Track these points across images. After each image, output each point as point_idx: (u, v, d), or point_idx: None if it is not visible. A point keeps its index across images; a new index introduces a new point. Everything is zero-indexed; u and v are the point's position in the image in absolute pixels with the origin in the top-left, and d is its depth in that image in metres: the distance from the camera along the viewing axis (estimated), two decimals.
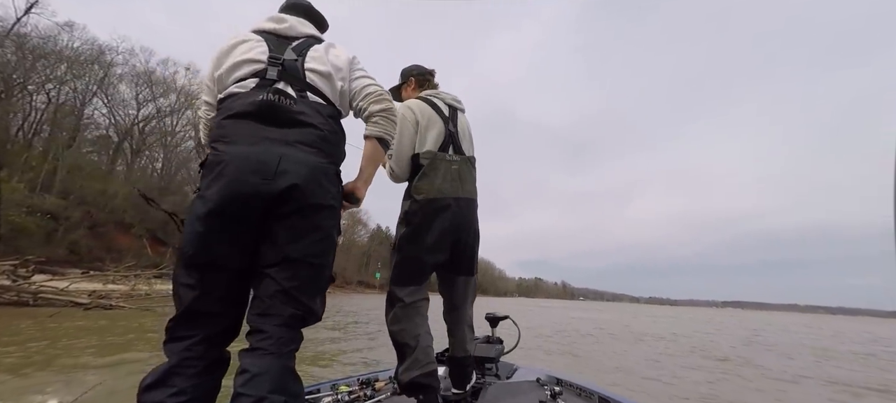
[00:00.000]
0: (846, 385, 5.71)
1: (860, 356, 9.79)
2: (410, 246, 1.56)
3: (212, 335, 0.98)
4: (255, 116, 1.03)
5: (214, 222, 0.95)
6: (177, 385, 0.89)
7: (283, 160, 0.97)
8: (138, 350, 5.52)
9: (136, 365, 4.54)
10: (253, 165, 0.96)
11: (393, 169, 1.63)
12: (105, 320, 8.13)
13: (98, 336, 6.35)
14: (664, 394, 4.67)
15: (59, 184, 20.72)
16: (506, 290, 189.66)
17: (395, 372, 1.56)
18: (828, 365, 7.79)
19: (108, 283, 14.74)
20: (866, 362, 8.69)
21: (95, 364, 4.50)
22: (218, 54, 1.15)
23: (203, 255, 0.96)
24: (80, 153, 24.35)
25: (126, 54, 28.27)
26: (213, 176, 0.97)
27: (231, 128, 1.03)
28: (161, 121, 31.90)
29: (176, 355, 0.93)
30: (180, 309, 0.97)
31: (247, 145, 0.99)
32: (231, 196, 0.94)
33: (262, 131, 1.01)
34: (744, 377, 5.98)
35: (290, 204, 0.98)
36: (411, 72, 1.86)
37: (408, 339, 1.51)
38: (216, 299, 0.98)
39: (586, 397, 1.63)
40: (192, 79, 33.54)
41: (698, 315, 39.55)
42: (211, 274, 0.97)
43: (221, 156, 0.98)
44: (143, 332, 7.02)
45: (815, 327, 24.53)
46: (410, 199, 1.58)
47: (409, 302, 1.54)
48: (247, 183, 0.95)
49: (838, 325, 30.47)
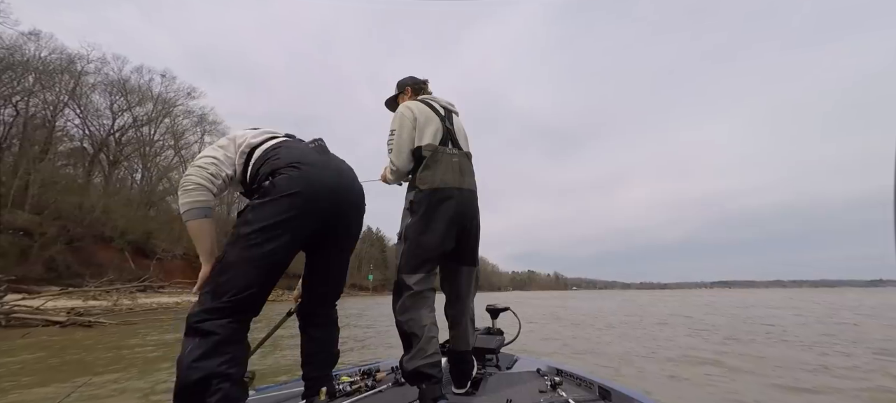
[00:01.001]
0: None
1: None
2: (418, 233, 1.59)
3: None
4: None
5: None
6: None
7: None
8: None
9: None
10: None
11: (393, 162, 1.68)
12: (87, 339, 7.74)
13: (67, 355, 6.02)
14: (668, 385, 4.60)
15: (32, 199, 19.88)
16: (500, 284, 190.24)
17: (399, 361, 1.58)
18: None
19: (89, 300, 14.19)
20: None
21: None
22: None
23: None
24: (54, 166, 23.40)
25: (98, 63, 27.31)
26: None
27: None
28: (138, 130, 30.91)
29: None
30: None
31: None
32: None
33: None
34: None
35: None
36: (406, 82, 1.98)
37: (415, 329, 1.53)
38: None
39: (586, 387, 1.63)
40: (169, 86, 32.65)
41: (694, 297, 40.16)
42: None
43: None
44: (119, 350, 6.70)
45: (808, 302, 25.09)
46: (415, 189, 1.64)
47: (417, 291, 1.56)
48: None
49: (827, 298, 31.17)
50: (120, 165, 30.18)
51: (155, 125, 32.12)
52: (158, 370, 5.03)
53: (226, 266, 1.18)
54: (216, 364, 1.06)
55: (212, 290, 1.16)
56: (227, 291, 1.14)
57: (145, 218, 27.57)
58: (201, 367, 1.05)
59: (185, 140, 34.97)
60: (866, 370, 4.95)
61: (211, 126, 35.91)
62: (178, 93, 33.25)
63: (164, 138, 33.37)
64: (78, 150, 26.97)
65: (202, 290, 1.20)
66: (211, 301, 1.14)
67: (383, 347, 6.84)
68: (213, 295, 1.15)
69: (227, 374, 1.07)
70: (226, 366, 1.08)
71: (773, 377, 4.68)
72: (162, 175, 32.79)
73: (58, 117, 24.96)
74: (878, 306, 18.08)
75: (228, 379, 1.07)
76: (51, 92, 23.95)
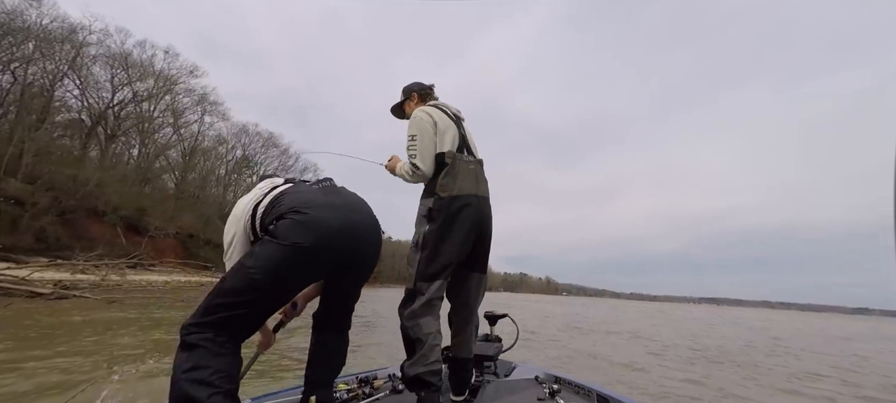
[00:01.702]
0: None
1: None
2: (438, 241, 1.60)
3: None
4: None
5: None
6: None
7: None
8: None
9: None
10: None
11: (418, 166, 1.66)
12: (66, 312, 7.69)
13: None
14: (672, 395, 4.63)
15: (25, 168, 19.67)
16: (491, 285, 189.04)
17: (400, 366, 1.59)
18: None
19: (77, 273, 14.09)
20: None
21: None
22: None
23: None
24: (50, 136, 23.15)
25: (100, 34, 26.91)
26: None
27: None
28: (138, 105, 30.60)
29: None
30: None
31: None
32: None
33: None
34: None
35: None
36: (413, 88, 1.98)
37: (420, 335, 1.54)
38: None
39: (585, 395, 1.63)
40: (172, 63, 32.33)
41: (686, 312, 40.33)
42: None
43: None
44: None
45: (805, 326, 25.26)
46: (434, 196, 1.64)
47: (429, 299, 1.57)
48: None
49: (822, 325, 31.41)
50: (117, 140, 29.87)
51: (155, 101, 31.79)
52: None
53: (223, 291, 1.19)
54: (207, 376, 1.07)
55: (205, 308, 1.18)
56: (218, 312, 1.16)
57: (140, 194, 27.36)
58: (191, 379, 1.06)
59: (185, 119, 34.74)
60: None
61: (212, 106, 35.65)
62: (181, 71, 32.91)
63: (163, 115, 33.05)
64: (75, 122, 26.67)
65: (197, 308, 1.22)
66: (201, 316, 1.16)
67: (377, 348, 6.81)
68: (205, 312, 1.17)
69: (219, 387, 1.07)
70: (217, 378, 1.08)
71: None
72: (159, 152, 32.52)
73: (57, 87, 24.67)
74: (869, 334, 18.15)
75: (220, 392, 1.06)
76: (51, 61, 23.62)
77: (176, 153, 34.70)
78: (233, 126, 38.28)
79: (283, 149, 41.58)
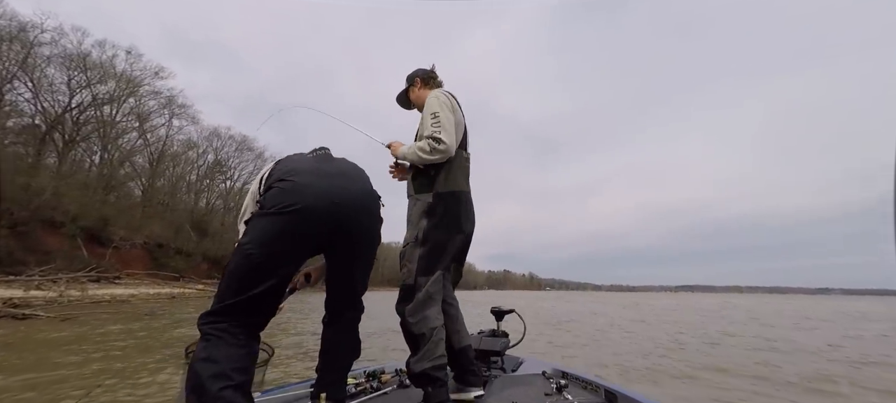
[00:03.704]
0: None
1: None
2: (439, 235, 1.62)
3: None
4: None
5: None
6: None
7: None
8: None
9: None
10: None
11: (442, 139, 1.60)
12: None
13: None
14: (673, 385, 4.57)
15: None
16: (476, 283, 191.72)
17: (406, 363, 1.59)
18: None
19: (31, 289, 13.04)
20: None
21: None
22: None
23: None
24: None
25: (54, 33, 25.15)
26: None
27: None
28: (98, 109, 28.83)
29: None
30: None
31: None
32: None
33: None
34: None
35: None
36: (416, 73, 1.95)
37: (424, 329, 1.55)
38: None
39: (592, 390, 1.62)
40: (135, 65, 30.61)
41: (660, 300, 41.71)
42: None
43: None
44: None
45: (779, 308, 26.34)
46: (432, 192, 1.64)
47: (431, 292, 1.58)
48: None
49: (799, 305, 33.19)
50: (76, 146, 28.03)
51: (117, 105, 30.04)
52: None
53: (227, 274, 1.20)
54: (218, 369, 1.07)
55: (217, 296, 1.20)
56: (226, 298, 1.17)
57: (103, 203, 25.75)
58: (204, 371, 1.06)
59: (152, 123, 33.05)
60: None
61: (180, 109, 34.09)
62: (145, 72, 31.24)
63: (127, 119, 31.31)
64: (28, 127, 24.84)
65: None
66: (214, 304, 1.18)
67: (379, 348, 6.47)
68: (217, 299, 1.19)
69: (230, 379, 1.07)
70: (229, 369, 1.08)
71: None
72: (124, 158, 30.78)
73: (6, 89, 22.89)
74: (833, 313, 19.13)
75: (231, 386, 1.06)
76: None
77: (142, 159, 33.02)
78: (203, 129, 36.76)
79: (257, 153, 40.25)
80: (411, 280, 1.59)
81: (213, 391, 1.03)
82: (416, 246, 1.62)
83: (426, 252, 1.60)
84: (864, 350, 7.24)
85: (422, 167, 1.67)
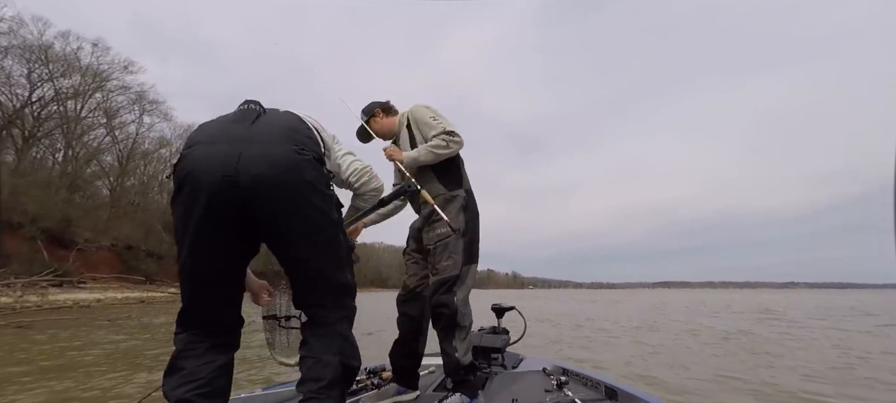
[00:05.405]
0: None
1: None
2: (474, 228, 1.78)
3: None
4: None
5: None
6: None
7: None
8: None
9: None
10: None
11: (458, 133, 1.72)
12: None
13: None
14: (673, 380, 4.61)
15: None
16: None
17: (444, 352, 1.64)
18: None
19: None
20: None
21: None
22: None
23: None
24: None
25: (12, 22, 23.72)
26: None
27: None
28: (61, 104, 27.35)
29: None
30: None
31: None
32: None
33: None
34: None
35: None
36: (374, 105, 1.98)
37: (468, 322, 1.66)
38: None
39: (593, 387, 1.64)
40: (102, 58, 29.19)
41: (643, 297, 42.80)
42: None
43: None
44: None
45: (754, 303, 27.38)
46: (461, 188, 1.78)
47: (470, 286, 1.70)
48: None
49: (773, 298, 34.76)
50: (38, 142, 26.54)
51: (83, 100, 28.60)
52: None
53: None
54: (178, 381, 1.02)
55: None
56: (182, 301, 1.11)
57: (66, 203, 24.44)
58: (167, 383, 1.04)
59: (121, 119, 31.58)
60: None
61: (151, 105, 32.68)
62: (113, 66, 29.82)
63: (93, 115, 29.83)
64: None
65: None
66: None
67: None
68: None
69: (191, 392, 1.01)
70: (188, 382, 1.02)
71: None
72: (90, 156, 29.28)
73: None
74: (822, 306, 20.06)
75: (196, 393, 1.01)
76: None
77: (111, 157, 31.49)
78: (177, 126, 35.29)
79: None
80: (457, 271, 1.65)
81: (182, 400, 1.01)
82: (459, 237, 1.69)
83: (468, 242, 1.72)
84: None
85: (441, 165, 1.75)
